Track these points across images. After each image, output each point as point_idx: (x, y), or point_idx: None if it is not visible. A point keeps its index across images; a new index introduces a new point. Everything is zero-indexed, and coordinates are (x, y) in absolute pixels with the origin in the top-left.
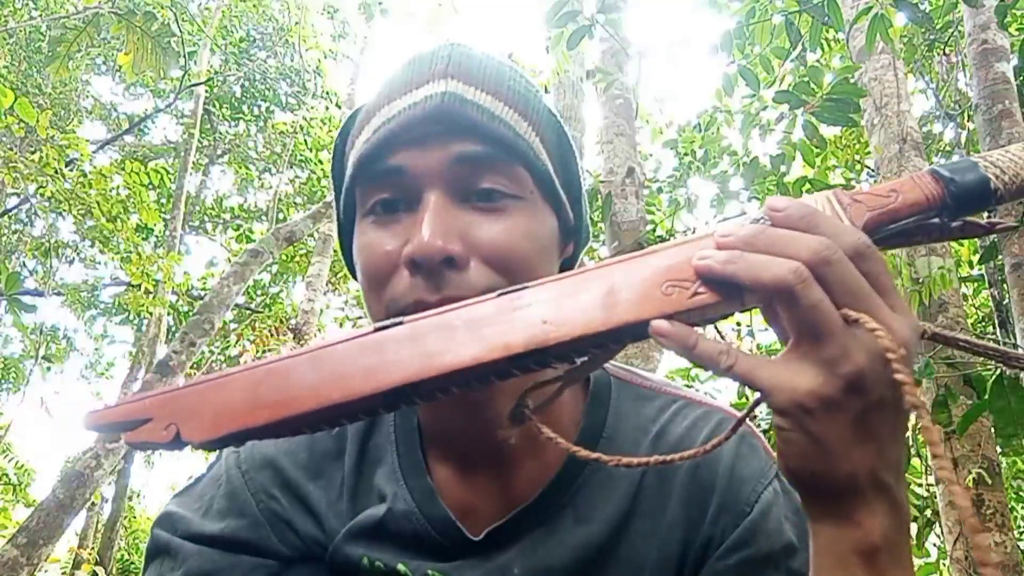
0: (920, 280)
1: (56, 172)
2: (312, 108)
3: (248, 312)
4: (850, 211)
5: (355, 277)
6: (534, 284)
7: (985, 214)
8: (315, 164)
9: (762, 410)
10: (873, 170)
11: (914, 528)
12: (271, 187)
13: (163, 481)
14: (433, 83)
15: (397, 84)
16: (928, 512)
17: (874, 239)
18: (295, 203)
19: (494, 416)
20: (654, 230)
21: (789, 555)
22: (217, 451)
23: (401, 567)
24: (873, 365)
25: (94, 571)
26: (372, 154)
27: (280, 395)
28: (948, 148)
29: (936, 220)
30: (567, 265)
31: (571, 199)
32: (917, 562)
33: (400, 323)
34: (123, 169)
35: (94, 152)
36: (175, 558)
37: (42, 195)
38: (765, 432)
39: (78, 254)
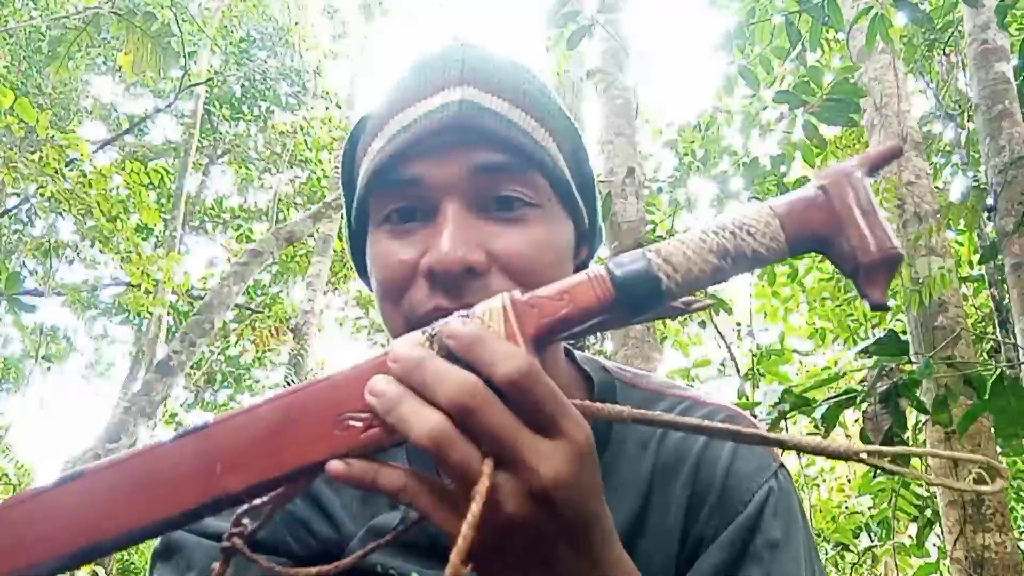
0: (920, 280)
1: (56, 172)
2: (312, 108)
3: (248, 312)
4: (523, 320)
5: (368, 284)
6: (215, 421)
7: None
8: (315, 164)
9: (762, 410)
10: None
11: (914, 528)
12: (271, 187)
13: None
14: (448, 90)
15: (410, 90)
16: (928, 512)
17: (550, 342)
18: (295, 203)
19: None
20: (654, 230)
21: (773, 554)
22: None
23: (414, 575)
24: (523, 508)
25: (94, 571)
26: (387, 164)
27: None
28: (948, 148)
29: (614, 316)
30: (581, 269)
31: (586, 203)
32: (917, 562)
33: (81, 475)
34: (123, 169)
35: (94, 152)
36: (190, 555)
37: (42, 195)
38: (770, 429)
39: (78, 254)
